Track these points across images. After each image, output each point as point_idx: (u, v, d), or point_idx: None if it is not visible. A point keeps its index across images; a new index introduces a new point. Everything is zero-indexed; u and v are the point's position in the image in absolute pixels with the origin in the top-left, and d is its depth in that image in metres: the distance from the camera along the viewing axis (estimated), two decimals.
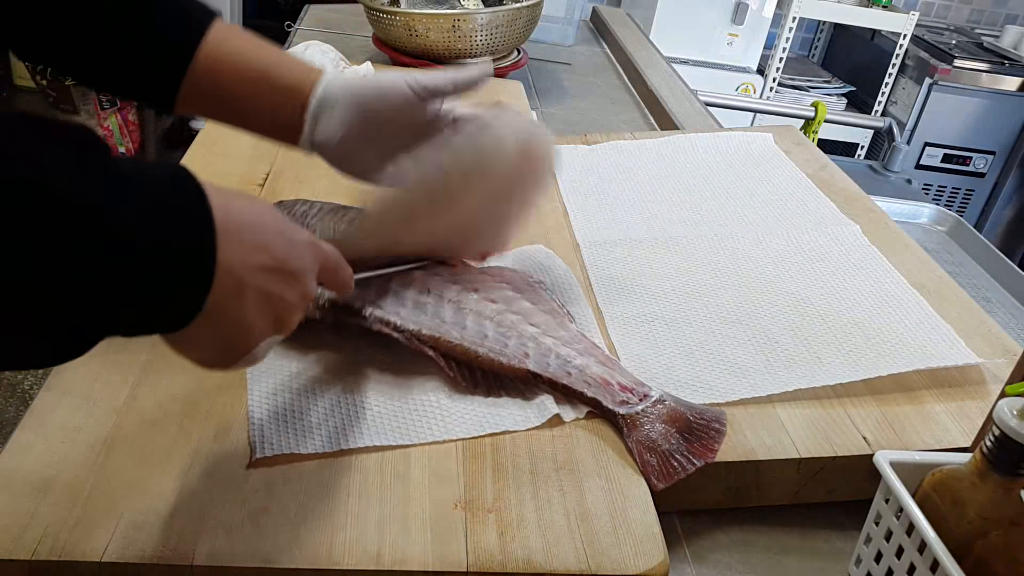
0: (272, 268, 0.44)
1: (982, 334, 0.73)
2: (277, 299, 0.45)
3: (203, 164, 0.87)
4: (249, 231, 0.43)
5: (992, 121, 2.79)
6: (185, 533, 0.47)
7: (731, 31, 2.80)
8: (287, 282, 0.45)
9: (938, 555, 0.45)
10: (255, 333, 0.45)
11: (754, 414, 0.61)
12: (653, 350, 0.67)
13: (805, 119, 2.02)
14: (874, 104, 2.94)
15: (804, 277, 0.79)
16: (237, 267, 0.42)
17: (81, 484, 0.49)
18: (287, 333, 0.48)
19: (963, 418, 0.63)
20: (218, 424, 0.55)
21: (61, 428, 0.53)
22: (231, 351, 0.45)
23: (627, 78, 1.57)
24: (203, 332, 0.42)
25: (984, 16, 3.34)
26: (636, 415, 0.58)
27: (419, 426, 0.57)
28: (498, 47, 1.28)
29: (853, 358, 0.67)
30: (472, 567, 0.48)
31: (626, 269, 0.78)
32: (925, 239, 1.42)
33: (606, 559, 0.49)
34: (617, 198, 0.92)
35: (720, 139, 1.07)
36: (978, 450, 0.46)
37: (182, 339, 0.43)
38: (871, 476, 0.53)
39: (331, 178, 0.87)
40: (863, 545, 0.54)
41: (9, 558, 0.45)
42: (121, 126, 2.49)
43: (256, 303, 0.44)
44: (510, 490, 0.53)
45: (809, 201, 0.94)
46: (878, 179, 1.85)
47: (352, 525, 0.49)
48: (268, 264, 0.44)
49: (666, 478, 0.55)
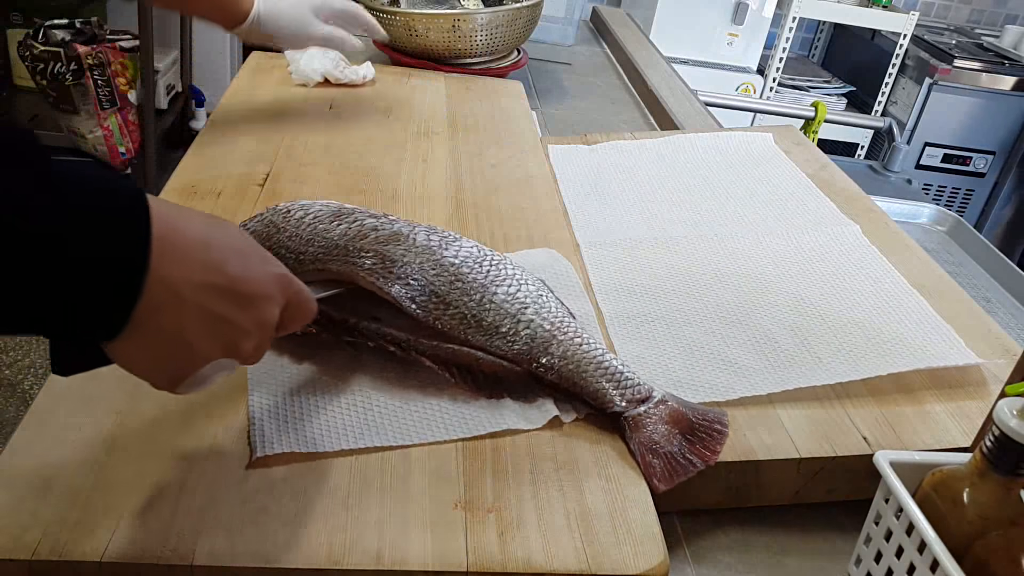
0: (222, 289, 0.43)
1: (982, 334, 0.73)
2: (225, 322, 0.44)
3: (203, 164, 0.87)
4: (200, 249, 0.42)
5: (992, 121, 2.79)
6: (185, 533, 0.47)
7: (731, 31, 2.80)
8: (239, 305, 0.44)
9: (938, 555, 0.45)
10: (198, 354, 0.43)
11: (754, 414, 0.61)
12: (653, 350, 0.67)
13: (805, 119, 2.02)
14: (874, 104, 2.94)
15: (804, 277, 0.79)
16: (177, 282, 0.41)
17: (81, 484, 0.49)
18: (247, 361, 0.47)
19: (963, 418, 0.63)
20: (218, 424, 0.55)
21: (61, 428, 0.53)
22: (172, 370, 0.44)
23: (627, 78, 1.57)
24: (140, 346, 0.41)
25: (984, 16, 3.34)
26: (638, 416, 0.58)
27: (419, 426, 0.57)
28: (498, 47, 1.29)
29: (853, 358, 0.67)
30: (472, 567, 0.48)
31: (626, 269, 0.78)
32: (925, 239, 1.42)
33: (606, 559, 0.49)
34: (617, 198, 0.92)
35: (720, 139, 1.07)
36: (978, 450, 0.46)
37: (122, 353, 0.42)
38: (871, 476, 0.53)
39: (331, 179, 0.88)
40: (863, 545, 0.54)
41: (9, 558, 0.45)
42: (121, 126, 2.49)
43: (199, 322, 0.42)
44: (510, 490, 0.53)
45: (809, 201, 0.94)
46: (878, 179, 1.85)
47: (352, 525, 0.49)
48: (217, 284, 0.43)
49: (668, 480, 0.54)
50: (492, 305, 0.62)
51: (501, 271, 0.65)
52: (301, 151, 0.93)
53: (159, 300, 0.40)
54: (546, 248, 0.79)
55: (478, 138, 1.04)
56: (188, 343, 0.43)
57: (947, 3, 3.32)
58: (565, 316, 0.64)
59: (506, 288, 0.63)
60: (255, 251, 0.46)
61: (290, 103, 1.06)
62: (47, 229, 0.36)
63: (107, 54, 2.37)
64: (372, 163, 0.93)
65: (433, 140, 1.02)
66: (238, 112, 1.01)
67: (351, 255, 0.62)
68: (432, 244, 0.64)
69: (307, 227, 0.65)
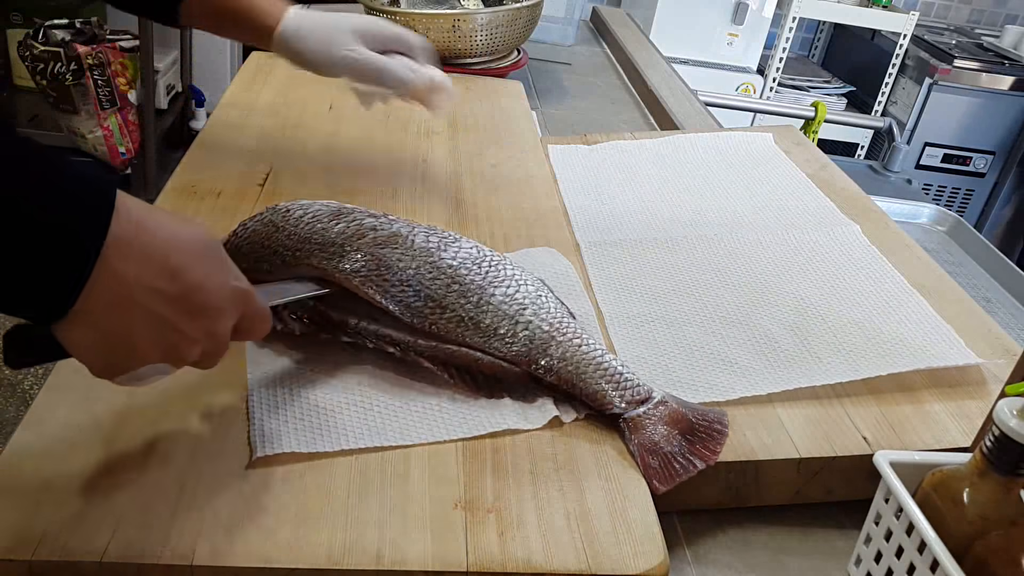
0: (173, 296, 0.44)
1: (982, 334, 0.73)
2: (171, 328, 0.45)
3: (203, 164, 0.87)
4: (160, 252, 0.43)
5: (992, 121, 2.79)
6: (185, 533, 0.47)
7: (731, 31, 2.80)
8: (189, 315, 0.45)
9: (938, 555, 0.45)
10: (138, 353, 0.45)
11: (754, 414, 0.61)
12: (653, 350, 0.67)
13: (805, 119, 2.02)
14: (874, 104, 2.94)
15: (804, 277, 0.79)
16: (130, 279, 0.42)
17: (81, 484, 0.49)
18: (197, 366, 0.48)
19: (963, 418, 0.63)
20: (218, 424, 0.55)
21: (61, 428, 0.53)
22: (112, 363, 0.45)
23: (627, 78, 1.57)
24: (85, 334, 0.43)
25: (984, 16, 3.34)
26: (638, 417, 0.58)
27: (419, 426, 0.57)
28: (498, 47, 1.29)
29: (853, 358, 0.67)
30: (472, 567, 0.48)
31: (626, 269, 0.78)
32: (925, 239, 1.42)
33: (606, 559, 0.49)
34: (617, 198, 0.92)
35: (720, 139, 1.07)
36: (978, 450, 0.46)
37: (67, 336, 0.43)
38: (871, 476, 0.53)
39: (331, 179, 0.88)
40: (863, 545, 0.54)
41: (9, 558, 0.45)
42: (121, 126, 2.49)
43: (145, 324, 0.44)
44: (510, 490, 0.53)
45: (809, 201, 0.94)
46: (878, 179, 1.85)
47: (352, 525, 0.49)
48: (168, 291, 0.44)
49: (668, 481, 0.54)
50: (490, 307, 0.62)
51: (500, 272, 0.64)
52: (301, 151, 0.93)
53: (109, 294, 0.41)
54: (546, 247, 0.79)
55: (478, 138, 1.04)
56: (131, 341, 0.44)
57: (947, 3, 3.33)
58: (564, 317, 0.64)
59: (504, 289, 0.63)
60: (220, 263, 0.47)
61: (290, 103, 1.06)
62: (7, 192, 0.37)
63: (107, 54, 2.37)
64: (372, 163, 0.93)
65: (433, 140, 1.02)
66: (238, 112, 1.01)
67: (346, 259, 0.62)
68: (431, 246, 0.64)
69: (305, 226, 0.65)
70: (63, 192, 0.40)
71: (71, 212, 0.40)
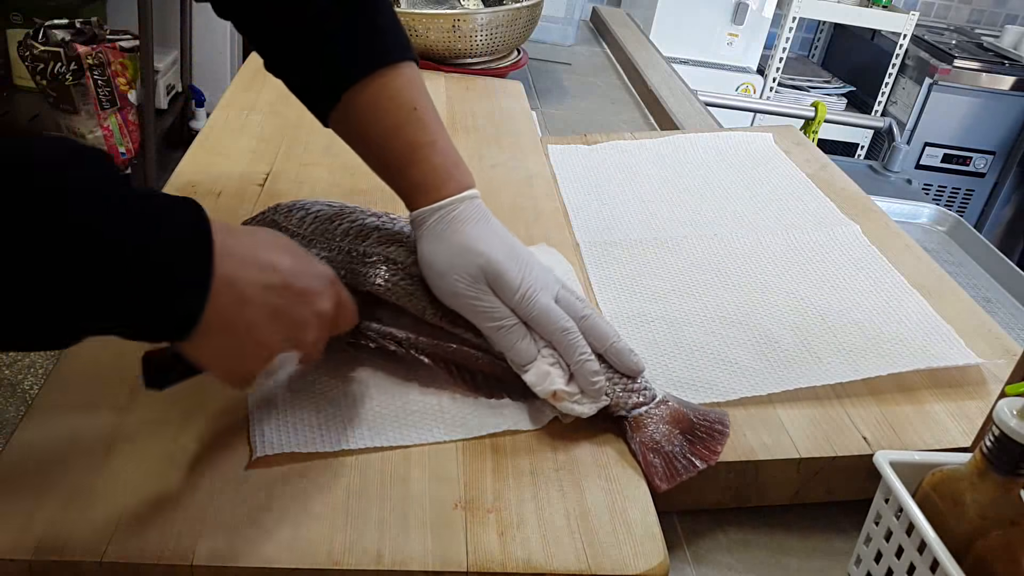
0: (279, 286, 0.46)
1: (982, 334, 0.73)
2: (287, 315, 0.47)
3: (203, 164, 0.87)
4: (251, 251, 0.46)
5: (992, 121, 2.79)
6: (185, 533, 0.47)
7: (731, 31, 2.80)
8: (297, 298, 0.48)
9: (938, 555, 0.45)
10: (265, 347, 0.47)
11: (754, 414, 0.61)
12: (653, 350, 0.67)
13: (805, 119, 2.02)
14: (874, 104, 2.94)
15: (804, 277, 0.79)
16: (240, 283, 0.44)
17: (81, 484, 0.49)
18: (308, 351, 0.51)
19: (963, 418, 0.63)
20: (218, 424, 0.55)
21: (61, 428, 0.53)
22: (245, 364, 0.47)
23: (627, 78, 1.57)
24: (214, 345, 0.45)
25: (984, 16, 3.34)
26: (640, 416, 0.58)
27: (419, 426, 0.57)
28: (498, 47, 1.29)
29: (853, 358, 0.67)
30: (472, 567, 0.48)
31: (626, 269, 0.78)
32: (925, 239, 1.43)
33: (606, 559, 0.49)
34: (617, 198, 0.92)
35: (720, 139, 1.07)
36: (978, 450, 0.46)
37: (199, 353, 0.45)
38: (871, 476, 0.53)
39: (331, 179, 0.88)
40: (863, 545, 0.54)
41: (9, 558, 0.45)
42: (121, 126, 2.49)
43: (264, 317, 0.46)
44: (510, 490, 0.53)
45: (809, 201, 0.94)
46: (878, 179, 1.85)
47: (352, 525, 0.49)
48: (273, 282, 0.46)
49: (669, 480, 0.55)
50: None
51: None
52: (301, 151, 0.93)
53: (226, 300, 0.43)
54: (547, 247, 0.79)
55: (478, 138, 1.04)
56: (256, 337, 0.46)
57: (947, 3, 3.33)
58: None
59: None
60: (300, 251, 0.51)
61: (290, 103, 1.06)
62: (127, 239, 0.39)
63: (107, 54, 2.37)
64: None
65: None
66: (238, 112, 1.01)
67: (354, 262, 0.62)
68: None
69: (308, 227, 0.65)
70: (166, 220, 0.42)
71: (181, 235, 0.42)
